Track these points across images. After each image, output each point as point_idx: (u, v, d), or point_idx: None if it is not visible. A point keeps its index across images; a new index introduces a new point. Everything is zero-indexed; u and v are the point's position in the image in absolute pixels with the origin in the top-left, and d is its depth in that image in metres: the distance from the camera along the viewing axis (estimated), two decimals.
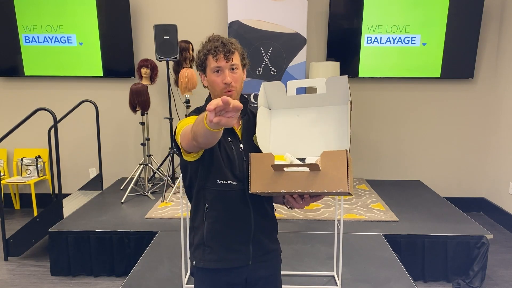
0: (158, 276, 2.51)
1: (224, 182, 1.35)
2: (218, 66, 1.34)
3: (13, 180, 4.32)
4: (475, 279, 2.90)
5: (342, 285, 2.40)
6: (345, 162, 1.15)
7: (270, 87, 1.44)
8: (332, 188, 1.15)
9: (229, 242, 1.40)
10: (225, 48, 1.33)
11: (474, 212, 4.58)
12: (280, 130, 1.46)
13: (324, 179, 1.16)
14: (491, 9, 4.27)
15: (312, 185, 1.17)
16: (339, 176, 1.15)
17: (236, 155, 1.38)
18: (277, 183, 1.20)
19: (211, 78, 1.37)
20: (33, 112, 3.33)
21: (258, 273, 1.46)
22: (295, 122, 1.44)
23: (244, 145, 1.41)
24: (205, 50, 1.36)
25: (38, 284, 3.01)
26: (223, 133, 1.37)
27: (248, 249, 1.42)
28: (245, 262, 1.42)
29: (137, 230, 3.08)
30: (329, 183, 1.16)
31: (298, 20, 4.06)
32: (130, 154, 4.65)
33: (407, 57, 4.29)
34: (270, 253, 1.49)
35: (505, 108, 4.21)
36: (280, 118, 1.48)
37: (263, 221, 1.45)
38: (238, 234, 1.41)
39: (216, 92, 1.38)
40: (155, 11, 4.37)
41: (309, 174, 1.18)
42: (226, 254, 1.40)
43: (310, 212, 3.45)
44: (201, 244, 1.41)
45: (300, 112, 1.45)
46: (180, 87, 3.82)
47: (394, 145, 4.59)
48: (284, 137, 1.44)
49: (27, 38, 4.30)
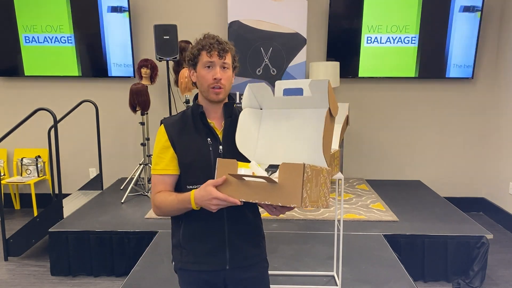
0: (158, 276, 2.51)
1: (193, 187, 1.33)
2: (211, 61, 1.34)
3: (13, 180, 4.32)
4: (475, 279, 2.90)
5: (342, 285, 2.40)
6: (301, 176, 1.10)
7: (256, 88, 1.40)
8: (285, 202, 1.12)
9: (203, 246, 1.40)
10: (220, 46, 1.34)
11: (474, 212, 4.58)
12: (266, 133, 1.42)
13: (281, 192, 1.13)
14: (491, 9, 4.27)
15: (269, 197, 1.15)
16: (294, 190, 1.11)
17: (212, 156, 1.37)
18: (238, 191, 1.19)
19: (201, 73, 1.36)
20: (33, 112, 3.33)
21: (238, 276, 1.44)
22: (281, 125, 1.41)
23: (223, 146, 1.39)
24: (199, 45, 1.36)
25: (38, 284, 3.01)
26: (203, 134, 1.39)
27: (225, 253, 1.41)
28: (221, 266, 1.41)
29: (137, 230, 3.08)
30: (283, 197, 1.13)
31: (298, 20, 4.06)
32: (130, 154, 4.65)
33: (407, 57, 4.29)
34: (252, 258, 1.47)
35: (505, 108, 4.21)
36: (267, 120, 1.44)
37: (240, 225, 1.42)
38: (211, 238, 1.40)
39: (203, 87, 1.37)
40: (155, 11, 4.37)
41: (267, 185, 1.15)
42: (201, 257, 1.41)
43: (310, 212, 3.45)
44: (178, 245, 1.44)
45: (287, 114, 1.41)
46: (180, 87, 3.82)
47: (394, 145, 4.59)
48: (269, 141, 1.41)
49: (27, 38, 4.30)
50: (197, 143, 1.37)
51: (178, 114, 1.44)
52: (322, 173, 1.21)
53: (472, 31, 4.19)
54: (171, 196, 1.33)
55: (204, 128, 1.39)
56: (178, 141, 1.37)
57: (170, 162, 1.37)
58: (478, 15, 4.13)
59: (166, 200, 1.33)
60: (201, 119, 1.39)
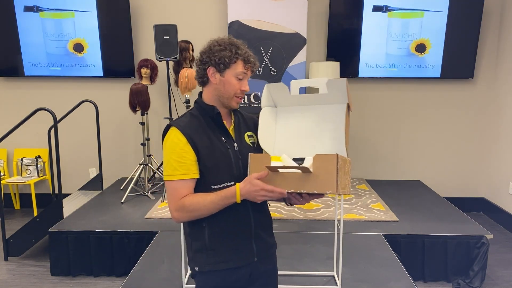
0: (158, 276, 2.51)
1: (218, 187, 1.36)
2: (245, 73, 1.38)
3: (13, 180, 4.32)
4: (475, 279, 2.90)
5: (342, 285, 2.40)
6: (335, 165, 1.22)
7: (274, 88, 1.49)
8: (321, 190, 1.24)
9: (231, 242, 1.41)
10: (256, 62, 1.41)
11: (474, 212, 4.58)
12: (285, 129, 1.51)
13: (316, 180, 1.24)
14: (491, 9, 4.27)
15: (305, 185, 1.25)
16: (330, 178, 1.22)
17: (232, 154, 1.40)
18: (273, 183, 1.28)
19: (230, 80, 1.37)
20: (33, 112, 3.33)
21: (262, 268, 1.49)
22: (299, 121, 1.50)
23: (237, 143, 1.43)
24: (237, 53, 1.35)
25: (38, 284, 3.01)
26: (216, 133, 1.40)
27: (252, 246, 1.44)
28: (250, 260, 1.44)
29: (137, 230, 3.08)
30: (319, 185, 1.24)
31: (298, 20, 4.06)
32: (130, 154, 4.65)
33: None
34: (271, 248, 1.54)
35: (505, 108, 4.21)
36: (285, 117, 1.53)
37: (261, 216, 1.48)
38: (239, 233, 1.42)
39: (227, 94, 1.39)
40: (155, 11, 4.37)
41: (302, 175, 1.25)
42: (231, 254, 1.41)
43: (310, 212, 3.45)
44: (203, 249, 1.41)
45: (304, 111, 1.50)
46: (180, 87, 3.82)
47: (394, 145, 4.59)
48: (287, 136, 1.50)
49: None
50: (216, 143, 1.38)
51: (186, 116, 1.42)
52: (347, 163, 1.31)
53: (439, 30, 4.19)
54: (208, 196, 1.32)
55: (218, 128, 1.41)
56: (199, 143, 1.35)
57: (192, 165, 1.34)
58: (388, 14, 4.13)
59: (204, 200, 1.31)
60: (217, 119, 1.41)
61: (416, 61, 4.29)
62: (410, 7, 4.18)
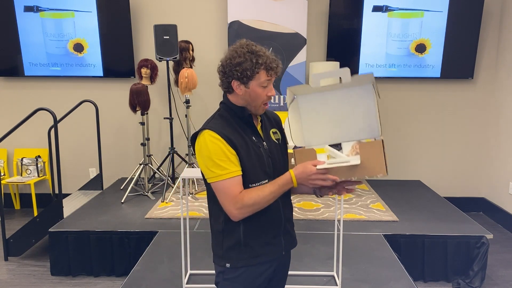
0: (158, 276, 2.51)
1: (255, 185, 1.38)
2: (269, 80, 1.37)
3: (13, 180, 4.32)
4: (475, 279, 2.90)
5: (342, 285, 2.40)
6: (382, 149, 1.31)
7: (295, 88, 1.47)
8: (371, 174, 1.32)
9: (264, 237, 1.45)
10: (279, 67, 1.40)
11: (474, 212, 4.58)
12: (308, 117, 1.51)
13: (365, 167, 1.32)
14: (491, 9, 4.27)
15: (355, 173, 1.33)
16: (379, 162, 1.31)
17: (263, 153, 1.43)
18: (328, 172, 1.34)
19: (256, 91, 1.36)
20: (33, 112, 3.33)
21: (285, 261, 1.57)
22: (324, 108, 1.49)
23: (266, 142, 1.46)
24: (258, 62, 1.33)
25: (38, 284, 3.01)
26: (248, 133, 1.42)
27: (281, 240, 1.49)
28: (279, 254, 1.49)
29: (137, 230, 3.08)
30: (368, 170, 1.32)
31: (298, 20, 4.06)
32: (130, 154, 4.65)
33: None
34: (295, 241, 1.58)
35: (505, 108, 4.21)
36: (305, 106, 1.51)
37: (289, 211, 1.54)
38: (272, 228, 1.46)
39: (256, 103, 1.39)
40: (155, 11, 4.37)
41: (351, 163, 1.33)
42: (262, 249, 1.44)
43: (310, 212, 3.45)
44: (236, 245, 1.43)
45: (326, 97, 1.48)
46: (180, 87, 3.82)
47: (394, 145, 4.59)
48: (311, 124, 1.51)
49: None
50: (249, 143, 1.40)
51: (216, 118, 1.42)
52: (384, 145, 1.37)
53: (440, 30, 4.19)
54: (265, 187, 1.35)
55: (248, 128, 1.43)
56: (236, 143, 1.36)
57: (237, 162, 1.36)
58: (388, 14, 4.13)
59: (263, 192, 1.34)
60: (248, 120, 1.43)
61: (416, 61, 4.30)
62: (410, 7, 4.19)
